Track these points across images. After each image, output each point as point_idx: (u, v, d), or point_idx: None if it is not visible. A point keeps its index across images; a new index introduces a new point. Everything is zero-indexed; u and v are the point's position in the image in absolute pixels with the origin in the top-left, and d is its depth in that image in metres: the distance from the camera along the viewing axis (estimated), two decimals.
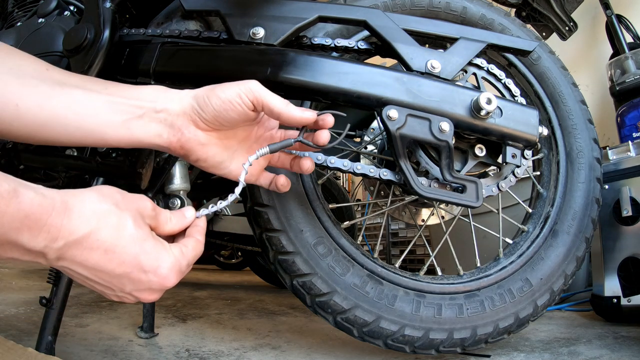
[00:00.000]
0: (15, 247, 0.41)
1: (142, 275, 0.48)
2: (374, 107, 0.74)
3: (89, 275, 0.47)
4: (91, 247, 0.45)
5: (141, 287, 0.50)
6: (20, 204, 0.40)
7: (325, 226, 0.89)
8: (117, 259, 0.46)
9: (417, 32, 0.83)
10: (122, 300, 0.52)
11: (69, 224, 0.43)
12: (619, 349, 1.05)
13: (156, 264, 0.49)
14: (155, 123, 0.57)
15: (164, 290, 0.52)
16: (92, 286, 0.49)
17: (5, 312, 1.31)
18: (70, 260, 0.44)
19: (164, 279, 0.50)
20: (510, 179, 0.87)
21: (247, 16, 0.77)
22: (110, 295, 0.51)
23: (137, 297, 0.51)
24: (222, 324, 1.35)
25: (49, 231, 0.42)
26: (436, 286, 0.92)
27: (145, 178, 0.78)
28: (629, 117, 1.76)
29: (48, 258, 0.43)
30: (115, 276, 0.47)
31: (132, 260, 0.47)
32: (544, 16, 1.64)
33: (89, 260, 0.45)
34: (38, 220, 0.41)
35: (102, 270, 0.46)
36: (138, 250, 0.48)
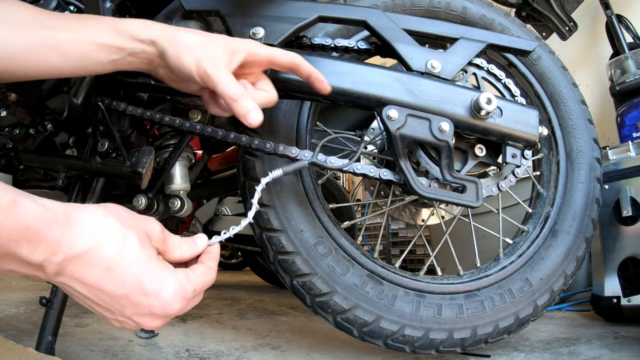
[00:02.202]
0: (14, 260, 0.40)
1: (143, 299, 0.45)
2: (374, 107, 0.74)
3: (88, 294, 0.44)
4: (91, 263, 0.43)
5: (142, 312, 0.46)
6: (19, 215, 0.39)
7: (325, 226, 0.89)
8: (118, 279, 0.44)
9: (417, 32, 0.83)
10: (123, 325, 0.49)
11: (70, 238, 0.41)
12: (619, 349, 1.05)
13: (158, 287, 0.45)
14: (137, 59, 0.62)
15: (167, 318, 0.48)
16: (92, 307, 0.47)
17: (5, 312, 1.31)
18: (70, 276, 0.43)
19: (165, 304, 0.46)
20: (510, 179, 0.87)
21: (247, 16, 0.77)
22: (110, 319, 0.48)
23: (138, 323, 0.47)
24: (222, 324, 1.35)
25: (48, 244, 0.40)
26: (436, 286, 0.92)
27: (145, 178, 0.78)
28: (629, 117, 1.76)
29: (47, 272, 0.42)
30: (115, 297, 0.45)
31: (134, 281, 0.44)
32: (544, 16, 1.64)
33: (88, 277, 0.43)
34: (38, 232, 0.40)
35: (102, 290, 0.44)
36: (141, 271, 0.45)
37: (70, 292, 0.45)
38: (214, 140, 0.78)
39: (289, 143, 0.82)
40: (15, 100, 0.81)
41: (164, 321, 0.49)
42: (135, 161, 0.77)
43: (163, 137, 0.91)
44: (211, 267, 0.52)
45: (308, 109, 0.94)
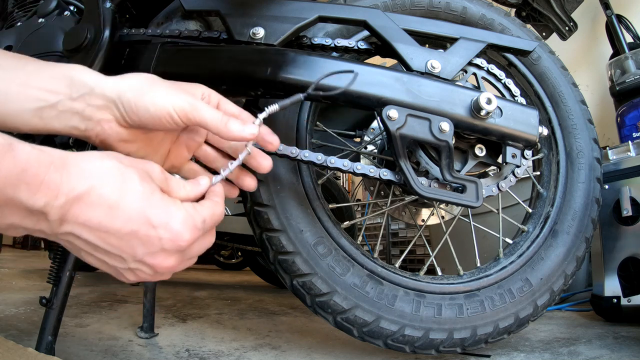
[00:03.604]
0: (15, 208, 0.38)
1: (152, 232, 0.44)
2: (374, 107, 0.74)
3: (95, 240, 0.42)
4: (94, 203, 0.41)
5: (153, 249, 0.44)
6: (15, 158, 0.37)
7: (325, 226, 0.89)
8: (123, 216, 0.42)
9: (417, 32, 0.83)
10: (138, 276, 0.47)
11: (68, 179, 0.40)
12: (619, 349, 1.05)
13: (166, 218, 0.44)
14: (70, 114, 0.51)
15: (181, 253, 0.46)
16: (102, 260, 0.45)
17: (5, 312, 1.31)
18: (73, 221, 0.41)
19: (176, 234, 0.44)
20: (510, 179, 0.87)
21: (247, 16, 0.77)
22: (123, 272, 0.46)
23: (152, 266, 0.45)
24: (222, 324, 1.35)
25: (48, 187, 0.39)
26: (436, 286, 0.92)
27: None
28: (629, 117, 1.76)
29: (50, 220, 0.40)
30: (124, 237, 0.43)
31: (139, 216, 0.43)
32: (544, 16, 1.64)
33: (92, 219, 0.41)
34: (36, 175, 0.38)
35: (108, 231, 0.42)
36: (145, 205, 0.43)
37: (77, 246, 0.44)
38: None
39: (289, 143, 0.82)
40: None
41: (179, 259, 0.47)
42: None
43: None
44: (218, 202, 0.51)
45: (308, 109, 0.95)
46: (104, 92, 0.51)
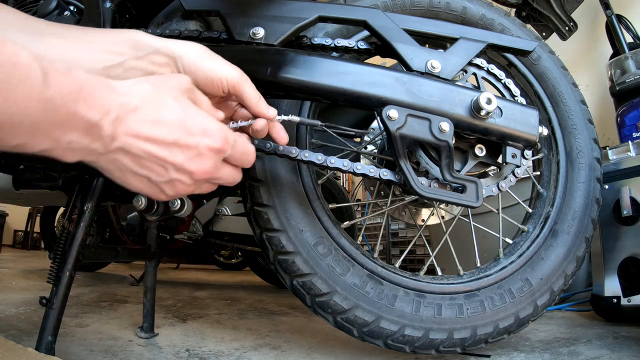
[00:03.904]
0: (75, 122, 0.42)
1: (190, 139, 0.50)
2: (374, 107, 0.74)
3: (141, 153, 0.48)
4: (139, 118, 0.47)
5: (192, 154, 0.51)
6: (74, 77, 0.42)
7: (325, 226, 0.89)
8: (166, 126, 0.49)
9: (417, 32, 0.83)
10: (177, 188, 0.52)
11: (116, 99, 0.46)
12: (619, 349, 1.05)
13: (202, 126, 0.51)
14: (134, 71, 0.57)
15: (214, 156, 0.53)
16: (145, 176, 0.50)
17: (5, 312, 1.31)
18: (124, 134, 0.46)
19: (211, 137, 0.52)
20: (510, 179, 0.87)
21: (247, 16, 0.77)
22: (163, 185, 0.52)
23: (191, 172, 0.51)
24: (222, 324, 1.35)
25: (101, 103, 0.44)
26: (436, 286, 0.92)
27: None
28: (629, 117, 1.76)
29: (104, 135, 0.45)
30: (167, 146, 0.49)
31: (181, 126, 0.50)
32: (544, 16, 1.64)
33: (140, 132, 0.47)
34: (91, 92, 0.43)
35: (154, 140, 0.48)
36: (184, 116, 0.50)
37: (124, 165, 0.49)
38: None
39: (289, 143, 0.82)
40: None
41: (213, 162, 0.53)
42: None
43: None
44: (249, 142, 0.58)
45: (308, 109, 0.95)
46: (170, 51, 0.58)
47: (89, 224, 0.83)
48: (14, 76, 0.38)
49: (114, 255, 1.02)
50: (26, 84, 0.38)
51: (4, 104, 0.37)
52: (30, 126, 0.40)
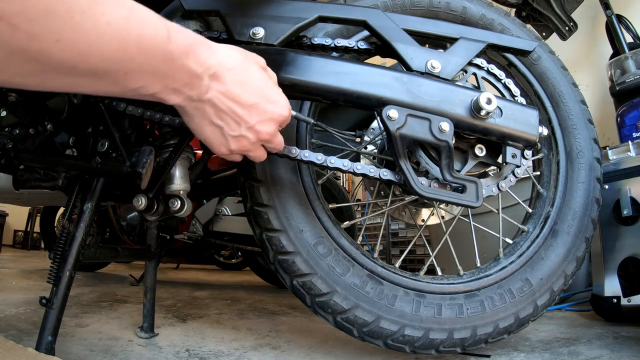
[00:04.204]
0: (183, 72, 0.50)
1: (268, 106, 0.60)
2: (374, 107, 0.74)
3: (225, 107, 0.57)
4: (231, 80, 0.56)
5: (264, 118, 0.60)
6: (186, 34, 0.51)
7: (325, 226, 0.89)
8: (250, 90, 0.58)
9: (417, 32, 0.83)
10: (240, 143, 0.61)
11: (216, 57, 0.54)
12: (619, 349, 1.05)
13: (277, 97, 0.61)
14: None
15: (278, 123, 0.63)
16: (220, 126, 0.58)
17: (5, 312, 1.31)
18: (216, 89, 0.55)
19: (282, 108, 0.62)
20: (510, 179, 0.87)
21: (247, 16, 0.77)
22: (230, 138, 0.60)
23: (258, 132, 0.60)
24: (222, 324, 1.35)
25: (204, 60, 0.52)
26: (436, 286, 0.92)
27: (145, 178, 0.78)
28: (629, 117, 1.76)
29: (201, 85, 0.53)
30: (247, 107, 0.58)
31: (261, 93, 0.59)
32: (544, 16, 1.64)
33: (229, 90, 0.56)
34: (197, 48, 0.51)
35: (239, 100, 0.57)
36: (264, 86, 0.60)
37: (208, 113, 0.57)
38: None
39: (289, 143, 0.82)
40: (15, 100, 0.81)
41: (275, 130, 0.63)
42: (135, 161, 0.77)
43: (163, 137, 0.91)
44: None
45: (308, 109, 0.95)
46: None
47: (89, 224, 0.83)
48: (147, 31, 0.45)
49: (114, 255, 1.02)
50: (155, 39, 0.46)
51: (137, 54, 0.45)
52: (151, 73, 0.48)
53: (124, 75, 0.45)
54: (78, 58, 0.40)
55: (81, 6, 0.39)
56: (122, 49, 0.43)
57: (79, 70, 0.42)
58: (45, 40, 0.38)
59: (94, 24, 0.40)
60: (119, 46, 0.43)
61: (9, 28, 0.35)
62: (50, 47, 0.38)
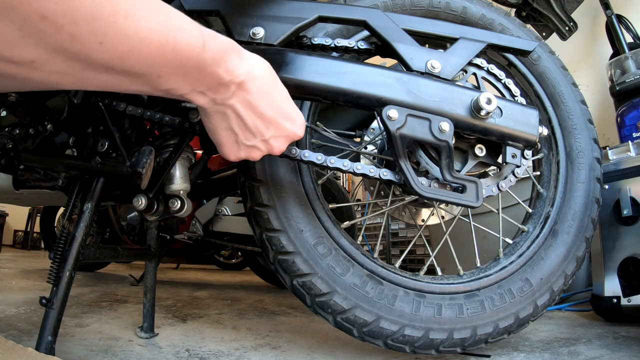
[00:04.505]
0: (212, 78, 0.51)
1: (285, 122, 0.61)
2: (374, 107, 0.74)
3: (245, 116, 0.58)
4: (256, 89, 0.56)
5: (279, 134, 0.61)
6: (219, 42, 0.52)
7: (325, 226, 0.89)
8: (271, 104, 0.58)
9: (417, 32, 0.83)
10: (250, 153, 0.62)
11: (244, 67, 0.55)
12: (619, 349, 1.05)
13: (295, 116, 0.62)
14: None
15: (290, 141, 0.64)
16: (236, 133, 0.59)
17: (5, 312, 1.31)
18: (241, 97, 0.56)
19: (298, 127, 0.63)
20: (510, 179, 0.87)
21: (247, 16, 0.77)
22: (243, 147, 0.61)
23: (271, 146, 0.62)
24: (222, 324, 1.35)
25: (233, 69, 0.53)
26: (436, 286, 0.92)
27: (145, 178, 0.78)
28: (629, 117, 1.76)
29: (227, 92, 0.54)
30: (266, 119, 0.59)
31: (280, 108, 0.60)
32: (544, 16, 1.64)
33: (252, 100, 0.56)
34: (229, 57, 0.53)
35: (259, 111, 0.58)
36: (285, 102, 0.61)
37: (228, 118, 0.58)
38: None
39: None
40: (15, 100, 0.81)
41: (287, 144, 0.64)
42: (135, 161, 0.77)
43: (163, 137, 0.91)
44: None
45: (308, 109, 0.94)
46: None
47: (89, 224, 0.83)
48: (184, 37, 0.46)
49: (114, 255, 1.02)
50: (190, 46, 0.47)
51: (173, 59, 0.46)
52: (183, 77, 0.49)
53: (157, 77, 0.46)
54: (117, 60, 0.42)
55: (125, 11, 0.40)
56: (159, 54, 0.44)
57: (115, 71, 0.43)
58: (87, 42, 0.38)
59: (136, 28, 0.41)
60: (157, 51, 0.44)
61: (54, 28, 0.36)
62: (92, 49, 0.39)
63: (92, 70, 0.41)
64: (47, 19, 0.35)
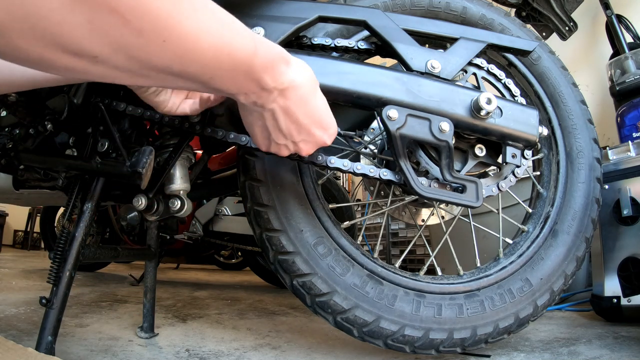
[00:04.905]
0: (257, 83, 0.53)
1: (317, 130, 0.63)
2: (374, 107, 0.74)
3: (281, 120, 0.59)
4: (296, 96, 0.57)
5: (309, 140, 0.63)
6: (269, 48, 0.52)
7: (325, 226, 0.89)
8: (307, 112, 0.60)
9: (417, 32, 0.83)
10: (281, 151, 0.65)
11: (289, 75, 0.56)
12: (619, 349, 1.05)
13: (329, 125, 0.64)
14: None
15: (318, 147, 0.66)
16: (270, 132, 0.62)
17: (5, 312, 1.31)
18: (280, 103, 0.57)
19: (329, 137, 0.65)
20: (510, 179, 0.87)
21: (247, 16, 0.77)
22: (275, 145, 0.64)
23: (300, 149, 0.64)
24: (222, 324, 1.35)
25: (278, 77, 0.54)
26: (436, 286, 0.92)
27: (145, 178, 0.78)
28: (629, 117, 1.76)
29: (268, 97, 0.56)
30: (299, 125, 0.61)
31: (315, 116, 0.61)
32: (544, 16, 1.64)
33: (290, 106, 0.58)
34: (276, 64, 0.54)
35: (294, 117, 0.59)
36: (321, 111, 0.62)
37: (265, 118, 0.60)
38: (214, 140, 0.78)
39: None
40: (15, 100, 0.81)
41: (314, 149, 0.66)
42: (135, 161, 0.77)
43: (163, 137, 0.91)
44: None
45: None
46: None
47: (89, 224, 0.83)
48: (238, 42, 0.47)
49: (114, 255, 1.02)
50: (243, 51, 0.48)
51: (227, 63, 0.47)
52: (232, 79, 0.50)
53: (209, 78, 0.47)
54: (176, 60, 0.42)
55: (187, 12, 0.40)
56: (215, 56, 0.45)
57: (172, 70, 0.43)
58: (151, 40, 0.39)
59: (197, 30, 0.42)
60: (214, 54, 0.45)
61: (122, 22, 0.36)
62: (154, 47, 0.40)
63: (149, 69, 0.42)
64: (117, 12, 0.35)
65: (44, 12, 0.32)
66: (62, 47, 0.35)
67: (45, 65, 0.37)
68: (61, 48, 0.35)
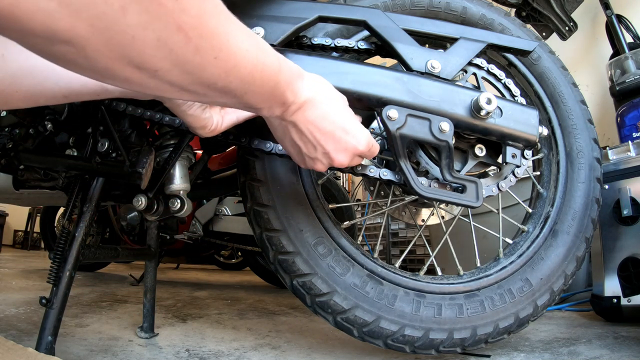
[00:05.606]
0: (279, 98, 0.56)
1: (343, 135, 0.64)
2: (374, 107, 0.74)
3: (306, 131, 0.62)
4: (315, 109, 0.60)
5: (339, 147, 0.65)
6: (290, 66, 0.56)
7: (325, 226, 0.89)
8: (329, 120, 0.62)
9: (417, 32, 0.83)
10: (316, 165, 0.67)
11: (306, 92, 0.59)
12: (619, 349, 1.05)
13: (355, 129, 0.65)
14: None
15: (352, 154, 0.67)
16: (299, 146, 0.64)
17: (5, 312, 1.31)
18: (301, 115, 0.60)
19: (358, 141, 0.65)
20: (510, 179, 0.87)
21: (247, 16, 0.77)
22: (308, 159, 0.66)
23: (332, 159, 0.66)
24: (222, 324, 1.35)
25: (297, 92, 0.58)
26: (436, 286, 0.92)
27: (145, 178, 0.78)
28: (629, 117, 1.76)
29: (288, 111, 0.59)
30: (325, 133, 0.63)
31: (338, 123, 0.63)
32: (544, 16, 1.64)
33: (311, 118, 0.61)
34: (296, 81, 0.57)
35: (317, 126, 0.62)
36: (344, 118, 0.64)
37: (290, 132, 0.63)
38: (214, 140, 0.78)
39: None
40: None
41: (351, 157, 0.67)
42: (135, 161, 0.77)
43: (163, 137, 0.91)
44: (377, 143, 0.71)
45: None
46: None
47: (89, 224, 0.83)
48: (268, 60, 0.50)
49: (114, 255, 1.02)
50: (272, 68, 0.51)
51: (259, 79, 0.50)
52: (262, 95, 0.53)
53: (244, 94, 0.50)
54: (223, 76, 0.45)
55: (234, 32, 0.44)
56: (251, 74, 0.48)
57: (216, 86, 0.46)
58: (206, 56, 0.41)
59: (239, 48, 0.45)
60: (251, 71, 0.48)
61: (185, 40, 0.38)
62: (207, 63, 0.42)
63: (198, 84, 0.44)
64: (182, 30, 0.37)
65: (122, 27, 0.34)
66: (128, 59, 0.37)
67: (108, 75, 0.39)
68: (127, 61, 0.37)
